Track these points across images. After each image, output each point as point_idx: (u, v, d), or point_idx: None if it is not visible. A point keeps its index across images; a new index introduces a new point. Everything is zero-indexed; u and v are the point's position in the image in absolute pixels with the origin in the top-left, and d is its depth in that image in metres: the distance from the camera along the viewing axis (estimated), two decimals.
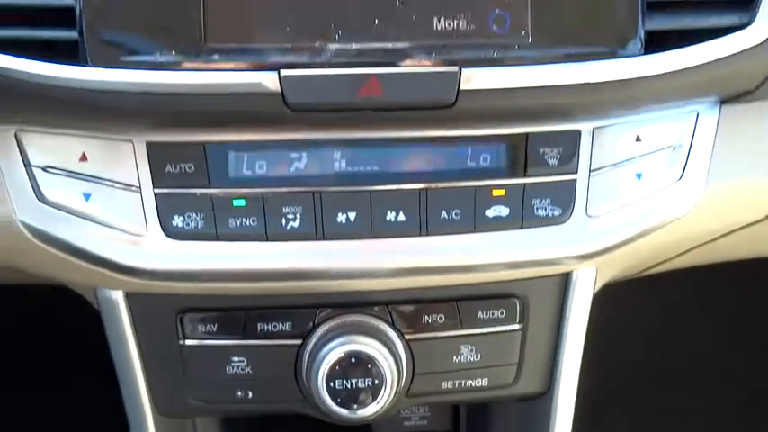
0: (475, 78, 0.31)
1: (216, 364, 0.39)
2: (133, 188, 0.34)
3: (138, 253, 0.35)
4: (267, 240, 0.35)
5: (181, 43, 0.30)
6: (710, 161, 0.37)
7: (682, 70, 0.32)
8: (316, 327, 0.38)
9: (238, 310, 0.39)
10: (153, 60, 0.30)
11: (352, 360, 0.36)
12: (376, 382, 0.36)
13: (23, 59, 0.30)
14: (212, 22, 0.30)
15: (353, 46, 0.31)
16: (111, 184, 0.34)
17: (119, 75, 0.30)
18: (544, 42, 0.31)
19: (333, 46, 0.30)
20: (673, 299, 0.76)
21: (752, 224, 0.42)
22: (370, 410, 0.36)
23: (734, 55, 0.32)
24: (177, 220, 0.35)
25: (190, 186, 0.34)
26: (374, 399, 0.36)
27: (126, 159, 0.34)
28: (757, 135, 0.38)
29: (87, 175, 0.35)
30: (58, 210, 0.35)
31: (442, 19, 0.31)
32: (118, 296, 0.38)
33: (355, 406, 0.36)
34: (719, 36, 0.33)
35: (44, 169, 0.35)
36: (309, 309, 0.39)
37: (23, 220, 0.35)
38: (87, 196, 0.35)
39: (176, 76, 0.30)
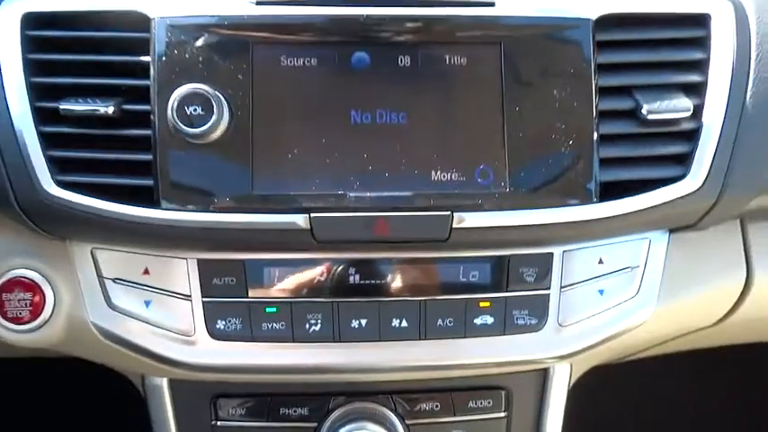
0: (464, 220, 0.39)
1: None
2: (185, 297, 0.42)
3: (186, 350, 0.42)
4: (293, 341, 0.42)
5: (234, 191, 0.38)
6: (662, 280, 0.44)
7: (630, 213, 0.40)
8: (330, 412, 0.45)
9: (264, 396, 0.46)
10: (212, 204, 0.39)
11: None
12: None
13: (108, 202, 0.38)
14: (258, 177, 0.38)
15: (368, 194, 0.39)
16: (167, 293, 0.42)
17: (184, 215, 0.38)
18: (520, 191, 0.39)
19: (352, 194, 0.39)
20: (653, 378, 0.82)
21: (704, 328, 0.49)
22: None
23: (673, 200, 0.40)
24: (220, 324, 0.42)
25: (231, 296, 0.42)
26: None
27: (180, 273, 0.42)
28: (702, 257, 0.46)
29: (148, 286, 0.42)
30: (123, 314, 0.42)
31: (438, 172, 0.39)
32: (163, 383, 0.46)
33: None
34: (662, 185, 0.41)
35: (113, 280, 0.42)
36: (325, 396, 0.46)
37: (95, 322, 0.42)
38: (148, 303, 0.42)
39: (230, 217, 0.38)
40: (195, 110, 0.37)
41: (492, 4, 0.40)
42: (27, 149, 0.38)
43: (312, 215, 0.38)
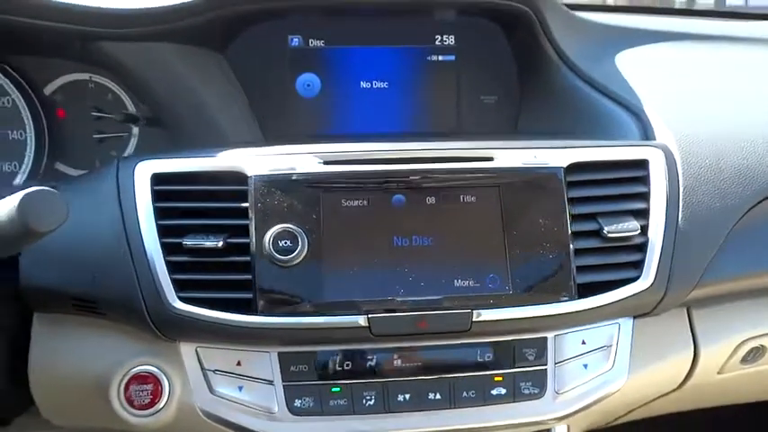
0: (481, 315, 0.52)
1: None
2: (269, 382, 0.54)
3: (271, 425, 0.54)
4: (354, 414, 0.54)
5: (312, 300, 0.52)
6: (631, 355, 0.58)
7: (602, 306, 0.54)
8: None
9: None
10: (295, 310, 0.52)
11: None
12: None
13: (218, 311, 0.52)
14: (328, 289, 0.52)
15: (410, 299, 0.53)
16: (256, 380, 0.54)
17: (275, 319, 0.51)
18: (519, 293, 0.53)
19: (398, 299, 0.52)
20: None
21: (672, 392, 0.62)
22: None
23: (632, 295, 0.55)
24: (297, 402, 0.54)
25: (306, 380, 0.54)
26: None
27: (265, 364, 0.54)
28: (660, 336, 0.60)
29: (241, 375, 0.54)
30: (222, 398, 0.54)
31: (459, 280, 0.53)
32: None
33: None
34: (624, 285, 0.55)
35: (214, 372, 0.55)
36: None
37: (200, 406, 0.54)
38: (240, 388, 0.54)
39: (309, 320, 0.51)
40: (286, 243, 0.51)
41: (491, 159, 0.56)
42: (158, 275, 0.52)
43: (370, 315, 0.52)
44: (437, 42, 0.80)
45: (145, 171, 0.54)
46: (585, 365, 0.57)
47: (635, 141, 0.61)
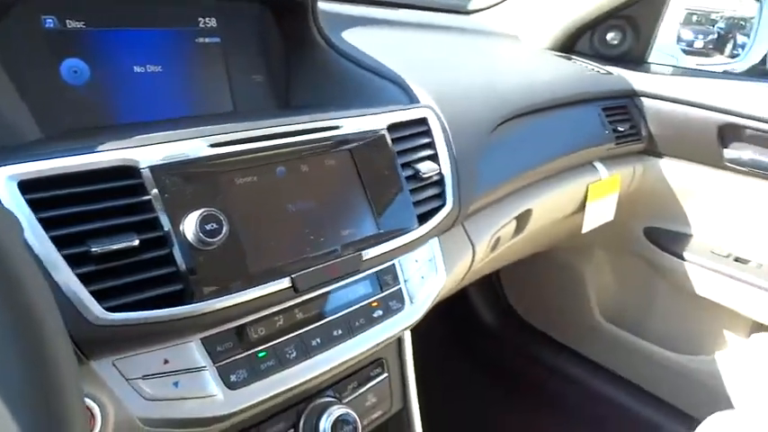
0: (368, 254, 0.64)
1: None
2: (202, 368, 0.54)
3: (215, 406, 0.54)
4: (282, 369, 0.59)
5: (239, 276, 0.54)
6: (443, 259, 0.79)
7: (429, 231, 0.73)
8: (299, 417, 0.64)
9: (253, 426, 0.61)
10: (229, 288, 0.53)
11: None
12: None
13: (153, 310, 0.49)
14: (250, 262, 0.56)
15: (317, 253, 0.60)
16: (188, 371, 0.53)
17: (213, 302, 0.52)
18: (385, 231, 0.67)
19: (310, 256, 0.59)
20: None
21: (462, 279, 0.86)
22: None
23: (443, 219, 0.75)
24: (233, 377, 0.55)
25: (233, 356, 0.56)
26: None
27: (192, 353, 0.54)
28: (454, 242, 0.83)
29: (172, 372, 0.53)
30: (159, 400, 0.52)
31: (345, 230, 0.64)
32: None
33: None
34: (438, 211, 0.75)
35: (142, 378, 0.51)
36: (290, 408, 0.64)
37: (139, 416, 0.51)
38: (176, 383, 0.53)
39: (244, 294, 0.54)
40: (211, 225, 0.52)
41: (340, 127, 0.67)
42: (72, 292, 0.46)
43: (293, 276, 0.58)
44: (201, 25, 0.82)
45: (5, 179, 0.46)
46: (423, 277, 0.75)
47: (413, 105, 0.80)
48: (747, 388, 1.27)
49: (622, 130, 1.19)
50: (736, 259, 1.26)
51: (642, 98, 1.25)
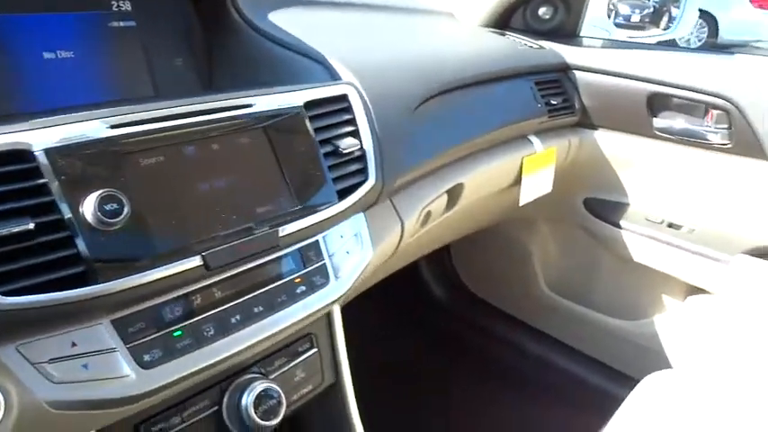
0: (285, 230, 0.64)
1: None
2: (113, 350, 0.54)
3: (128, 387, 0.54)
4: (200, 348, 0.60)
5: (144, 255, 0.54)
6: (370, 236, 0.80)
7: (350, 206, 0.73)
8: (223, 393, 0.65)
9: (176, 406, 0.61)
10: (134, 268, 0.53)
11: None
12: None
13: (55, 292, 0.49)
14: (155, 241, 0.55)
15: (228, 231, 0.60)
16: (98, 353, 0.53)
17: (118, 283, 0.52)
18: (303, 206, 0.68)
19: (221, 234, 0.59)
20: None
21: (389, 258, 0.87)
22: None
23: (366, 193, 0.76)
24: (146, 357, 0.55)
25: (147, 336, 0.56)
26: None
27: (102, 335, 0.53)
28: (381, 217, 0.83)
29: (81, 354, 0.53)
30: (68, 383, 0.52)
31: (260, 207, 0.64)
32: None
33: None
34: (360, 186, 0.75)
35: (49, 362, 0.51)
36: (214, 386, 0.65)
37: (47, 400, 0.50)
38: (86, 365, 0.53)
39: (150, 274, 0.54)
40: (111, 206, 0.52)
41: (251, 105, 0.66)
42: None
43: (203, 254, 0.58)
44: (114, 8, 0.80)
45: None
46: (348, 252, 0.75)
47: (334, 82, 0.80)
48: (684, 349, 1.32)
49: (555, 103, 1.22)
50: (670, 225, 1.30)
51: (574, 71, 1.28)
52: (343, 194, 0.72)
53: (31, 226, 0.49)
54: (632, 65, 1.23)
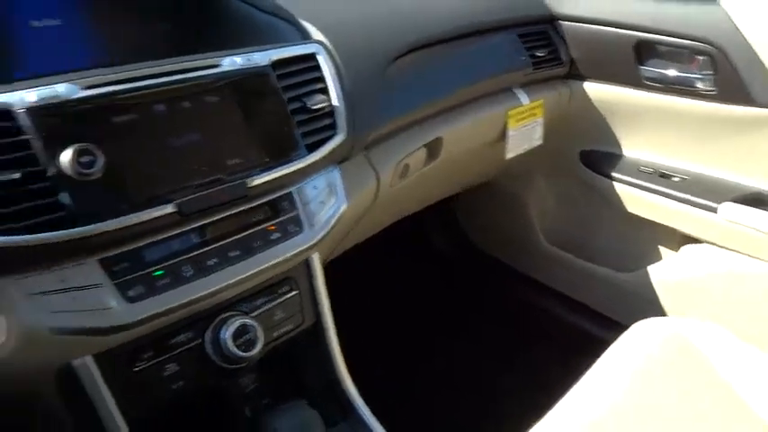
0: (254, 181, 0.70)
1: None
2: (100, 285, 0.61)
3: (115, 317, 0.61)
4: (179, 286, 0.66)
5: (121, 202, 0.60)
6: (344, 187, 0.84)
7: (321, 159, 0.78)
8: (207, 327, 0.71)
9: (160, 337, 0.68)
10: (113, 213, 0.60)
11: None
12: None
13: (42, 233, 0.56)
14: (131, 189, 0.62)
15: (202, 180, 0.66)
16: (86, 288, 0.60)
17: (96, 226, 0.59)
18: (272, 159, 0.73)
19: (194, 183, 0.65)
20: None
21: (367, 210, 0.92)
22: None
23: (336, 148, 0.80)
24: (131, 293, 0.62)
25: (131, 274, 0.63)
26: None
27: (90, 272, 0.60)
28: (356, 171, 0.88)
29: (70, 288, 0.59)
30: (59, 312, 0.58)
31: (230, 160, 0.69)
32: (87, 359, 0.63)
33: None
34: (331, 140, 0.80)
35: (42, 294, 0.57)
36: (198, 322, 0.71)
37: (42, 325, 0.57)
38: (75, 298, 0.59)
39: (127, 219, 0.60)
40: (86, 158, 0.58)
41: (219, 65, 0.72)
42: None
43: (177, 201, 0.64)
44: None
45: None
46: (322, 202, 0.81)
47: (303, 41, 0.84)
48: (678, 297, 1.35)
49: (541, 55, 1.23)
50: (662, 175, 1.31)
51: (561, 22, 1.28)
52: (312, 148, 0.77)
53: (17, 176, 0.55)
54: (619, 13, 1.23)
